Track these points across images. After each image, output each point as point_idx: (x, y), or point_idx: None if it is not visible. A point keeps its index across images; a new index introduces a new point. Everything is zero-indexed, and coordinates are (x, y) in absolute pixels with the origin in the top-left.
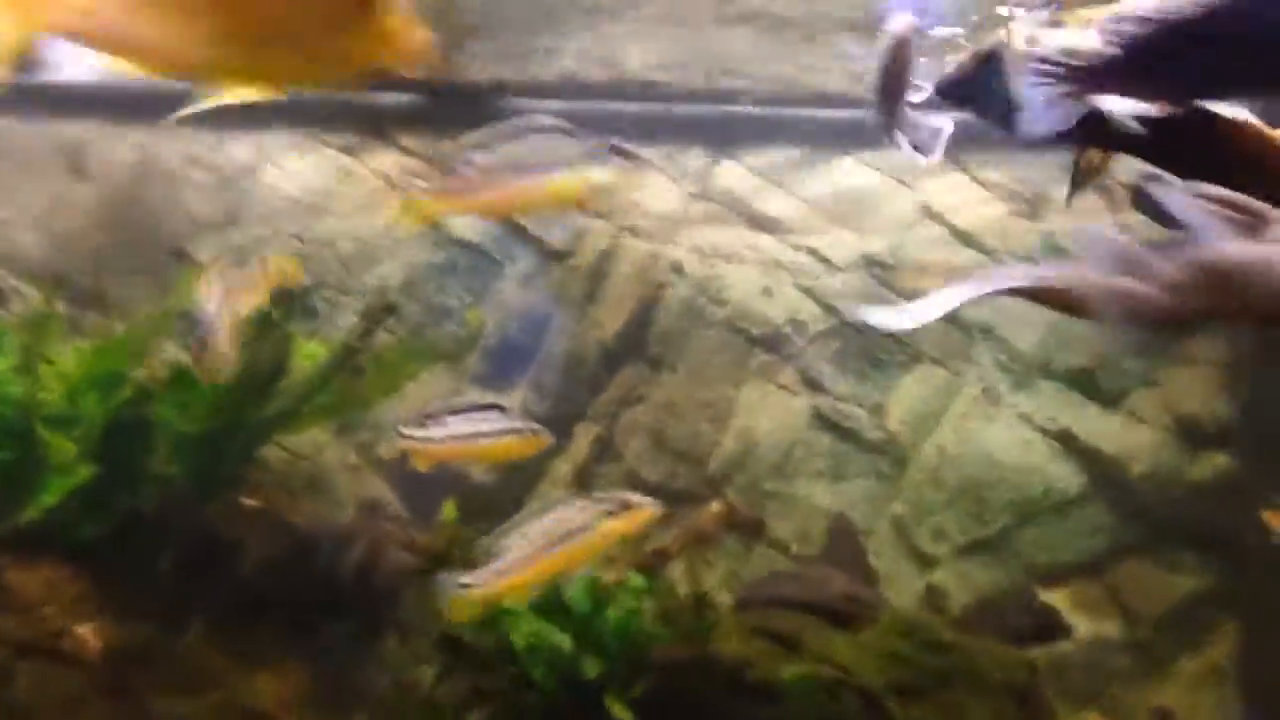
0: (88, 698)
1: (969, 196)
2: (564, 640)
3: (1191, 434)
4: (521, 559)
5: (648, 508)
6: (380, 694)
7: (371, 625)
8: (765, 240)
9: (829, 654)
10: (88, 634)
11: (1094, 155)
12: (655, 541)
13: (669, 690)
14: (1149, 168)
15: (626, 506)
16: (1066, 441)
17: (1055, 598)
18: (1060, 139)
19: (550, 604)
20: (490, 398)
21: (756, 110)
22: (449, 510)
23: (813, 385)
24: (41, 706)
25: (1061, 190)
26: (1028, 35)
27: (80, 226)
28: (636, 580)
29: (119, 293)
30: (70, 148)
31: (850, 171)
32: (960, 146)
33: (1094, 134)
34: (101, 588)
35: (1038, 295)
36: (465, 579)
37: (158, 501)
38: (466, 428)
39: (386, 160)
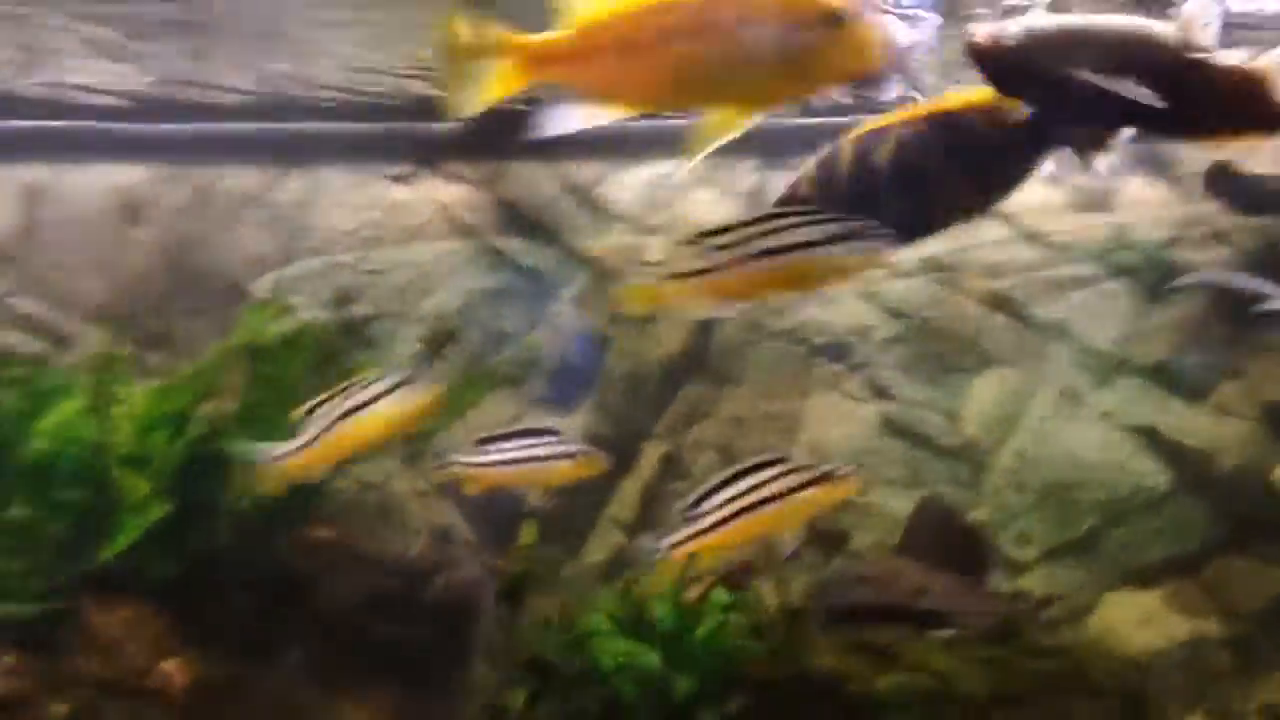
0: None
1: (1033, 194)
2: (653, 659)
3: None
4: (718, 521)
5: (850, 479)
6: (468, 718)
7: (456, 652)
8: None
9: (926, 664)
10: (172, 670)
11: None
12: (737, 556)
13: (763, 706)
14: (1219, 154)
15: (828, 476)
16: (1151, 438)
17: (1149, 598)
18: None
19: (637, 623)
20: (552, 421)
21: (809, 120)
22: (529, 533)
23: (881, 393)
24: None
25: (1129, 182)
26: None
27: (140, 269)
28: (721, 596)
29: (182, 332)
30: (124, 192)
31: None
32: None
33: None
34: (182, 624)
35: None
36: (665, 540)
37: (232, 536)
38: (519, 453)
39: (438, 188)
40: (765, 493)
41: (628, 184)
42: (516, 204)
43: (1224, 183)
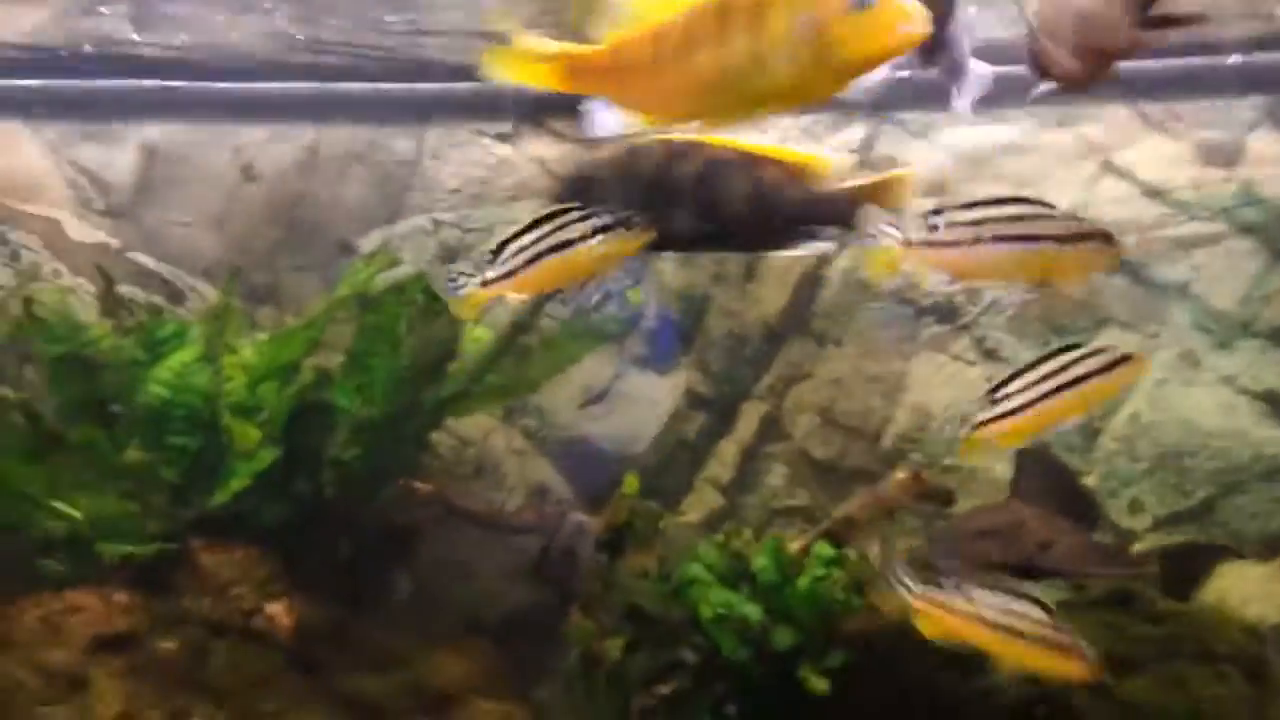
0: (280, 675)
1: (1155, 149)
2: (753, 610)
3: None
4: (1025, 404)
5: (1144, 359)
6: (566, 668)
7: (553, 603)
8: (929, 204)
9: None
10: (279, 613)
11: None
12: (841, 510)
13: (867, 662)
14: None
15: (1127, 359)
16: (1273, 404)
17: (1266, 571)
18: None
19: (737, 573)
20: (651, 378)
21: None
22: (630, 483)
23: (990, 355)
24: (236, 683)
25: (1255, 139)
26: None
27: (252, 225)
28: (825, 549)
29: (290, 287)
30: (240, 150)
31: (1025, 125)
32: (1141, 95)
33: None
34: (289, 569)
35: None
36: (980, 416)
37: (337, 486)
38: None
39: (540, 146)
40: (1069, 375)
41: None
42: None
43: None
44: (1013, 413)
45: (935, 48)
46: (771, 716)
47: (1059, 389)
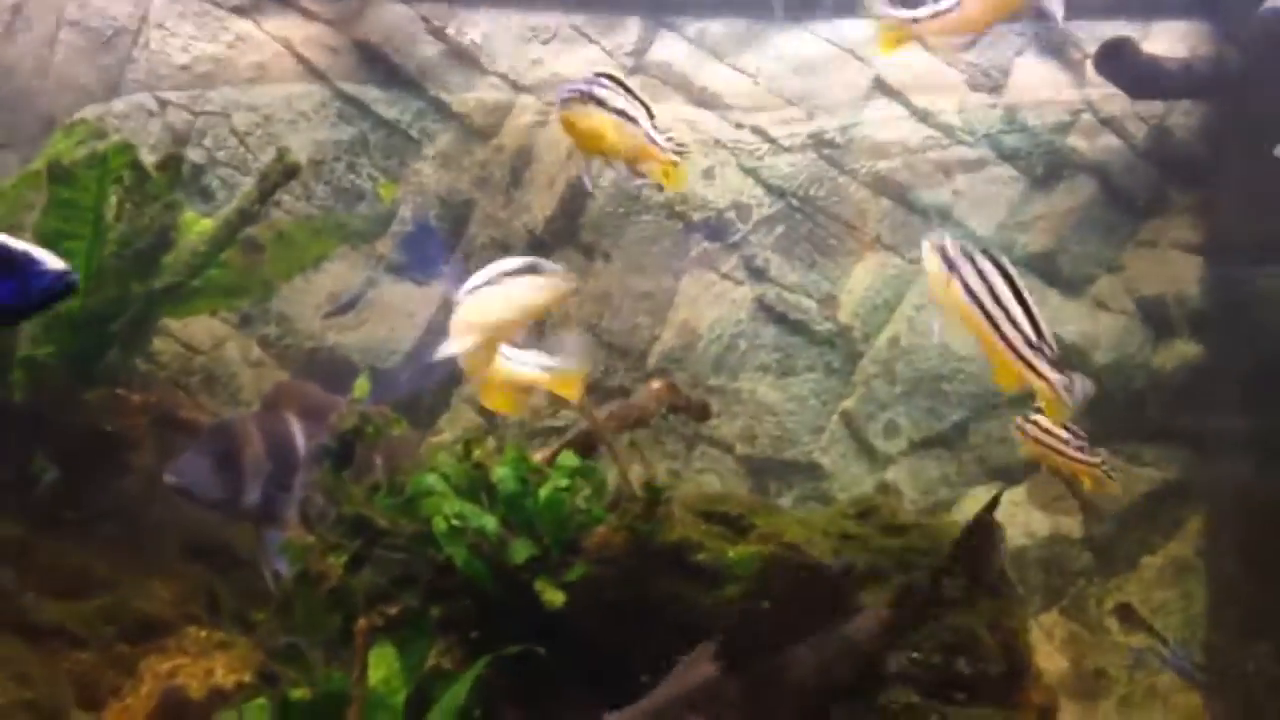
0: None
1: (927, 71)
2: (490, 521)
3: (1156, 321)
4: None
5: None
6: (283, 586)
7: (270, 515)
8: (706, 118)
9: (780, 534)
10: None
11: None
12: (585, 420)
13: (606, 575)
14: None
15: None
16: None
17: (1013, 495)
18: None
19: (474, 484)
20: (408, 288)
21: None
22: (361, 387)
23: (758, 274)
24: None
25: (1021, 65)
26: None
27: None
28: (569, 459)
29: None
30: None
31: (800, 43)
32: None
33: None
34: None
35: None
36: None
37: (29, 388)
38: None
39: (287, 24)
40: None
41: (501, 35)
42: (376, 47)
43: (1116, 65)
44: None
45: None
46: (506, 633)
47: None
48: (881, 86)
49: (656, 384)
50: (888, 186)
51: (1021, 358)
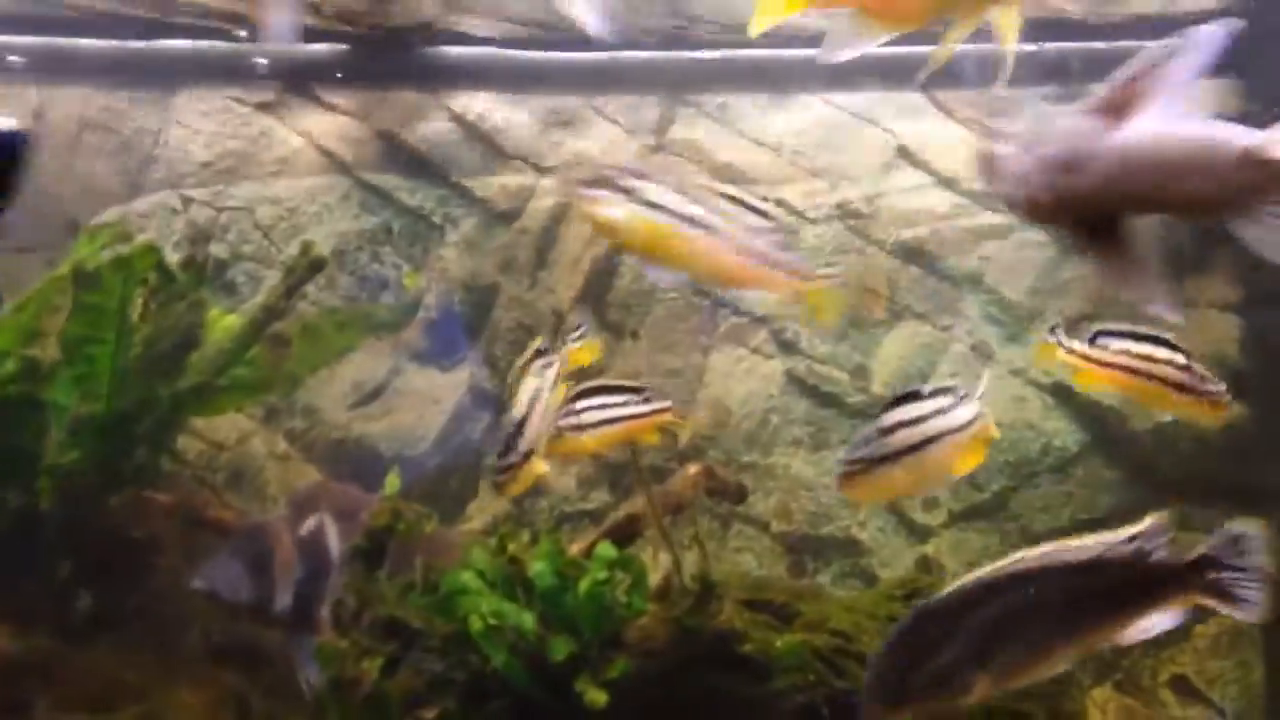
0: None
1: (951, 137)
2: (527, 619)
3: None
4: None
5: None
6: (317, 693)
7: (302, 621)
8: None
9: (825, 622)
10: None
11: None
12: (626, 508)
13: (650, 670)
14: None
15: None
16: (1064, 396)
17: None
18: None
19: (510, 579)
20: (433, 374)
21: (714, 54)
22: (391, 482)
23: (788, 348)
24: None
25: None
26: None
27: None
28: (607, 550)
29: (10, 272)
30: None
31: (821, 114)
32: (933, 83)
33: None
34: None
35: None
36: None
37: (55, 495)
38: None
39: (308, 117)
40: None
41: (522, 119)
42: (397, 137)
43: None
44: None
45: None
46: None
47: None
48: (905, 154)
49: (693, 469)
50: (916, 255)
51: None
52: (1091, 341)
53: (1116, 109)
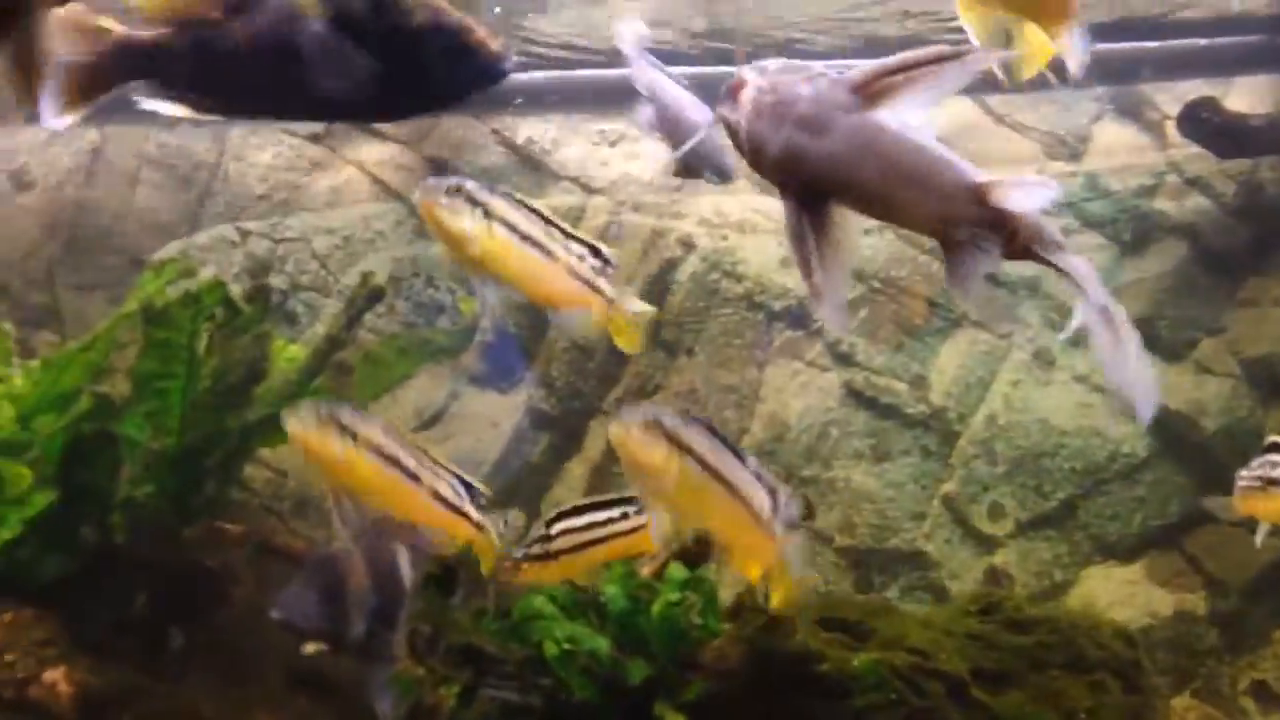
0: None
1: (1003, 142)
2: (603, 643)
3: (1264, 382)
4: None
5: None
6: None
7: (377, 650)
8: (778, 205)
9: (903, 639)
10: (58, 680)
11: None
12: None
13: (727, 691)
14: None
15: None
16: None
17: (1130, 572)
18: None
19: (584, 604)
20: (491, 398)
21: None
22: None
23: (844, 360)
24: None
25: (1100, 130)
26: None
27: (25, 239)
28: (678, 571)
29: (73, 309)
30: (10, 154)
31: None
32: (984, 90)
33: None
34: (71, 629)
35: None
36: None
37: (129, 529)
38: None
39: (360, 147)
40: None
41: (570, 141)
42: (448, 162)
43: (1199, 125)
44: None
45: None
46: None
47: None
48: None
49: None
50: None
51: None
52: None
53: (870, 92)
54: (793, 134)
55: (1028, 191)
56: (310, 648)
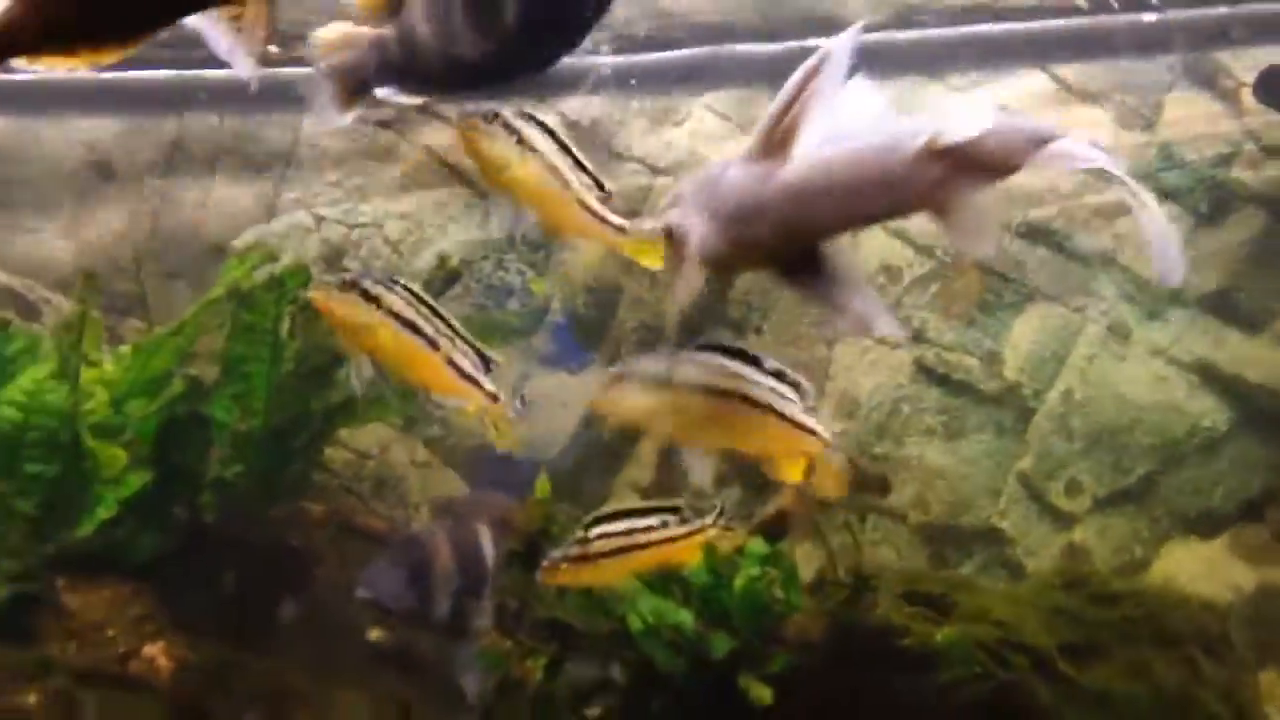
0: None
1: (1074, 112)
2: (686, 617)
3: None
4: None
5: None
6: (483, 695)
7: (463, 626)
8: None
9: (987, 613)
10: (157, 654)
11: None
12: (773, 504)
13: (810, 665)
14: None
15: None
16: (1207, 374)
17: (1212, 548)
18: None
19: (664, 578)
20: (562, 378)
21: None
22: (542, 487)
23: (915, 336)
24: None
25: (1173, 100)
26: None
27: (111, 227)
28: (758, 546)
29: (160, 296)
30: (94, 146)
31: (937, 99)
32: (1049, 55)
33: None
34: (167, 605)
35: None
36: None
37: (219, 508)
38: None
39: (429, 132)
40: None
41: (635, 122)
42: None
43: (1276, 91)
44: None
45: None
46: None
47: None
48: None
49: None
50: (1043, 235)
51: None
52: None
53: (776, 146)
54: (745, 231)
55: (966, 119)
56: (375, 633)
